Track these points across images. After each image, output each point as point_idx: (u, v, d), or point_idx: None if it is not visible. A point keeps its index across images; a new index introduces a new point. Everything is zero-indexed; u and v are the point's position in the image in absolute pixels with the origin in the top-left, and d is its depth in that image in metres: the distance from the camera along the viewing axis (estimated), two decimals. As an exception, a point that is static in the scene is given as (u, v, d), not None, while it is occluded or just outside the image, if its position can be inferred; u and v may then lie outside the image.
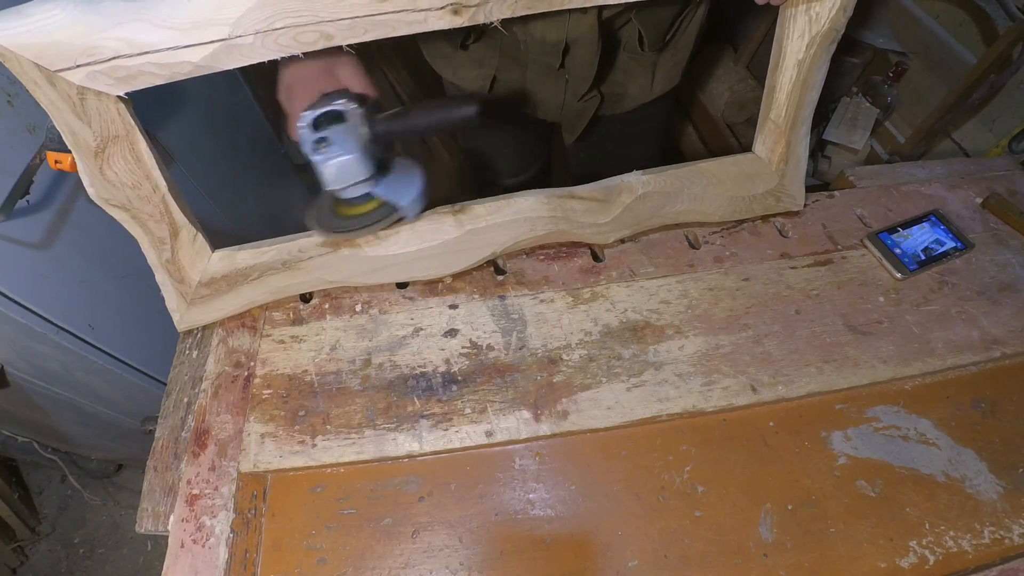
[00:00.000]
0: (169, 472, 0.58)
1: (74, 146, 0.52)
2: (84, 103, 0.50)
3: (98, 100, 0.50)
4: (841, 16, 0.60)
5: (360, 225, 0.63)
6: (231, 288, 0.65)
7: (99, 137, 0.52)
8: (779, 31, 0.65)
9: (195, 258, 0.64)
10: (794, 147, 0.69)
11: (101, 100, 0.50)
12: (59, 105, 0.49)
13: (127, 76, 0.48)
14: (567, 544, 0.53)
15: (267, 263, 0.66)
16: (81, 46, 0.46)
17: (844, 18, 0.60)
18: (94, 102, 0.50)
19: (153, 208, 0.59)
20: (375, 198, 0.63)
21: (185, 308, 0.65)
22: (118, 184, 0.56)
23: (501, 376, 0.62)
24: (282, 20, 0.48)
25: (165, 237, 0.61)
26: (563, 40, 0.71)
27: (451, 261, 0.68)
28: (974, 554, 0.52)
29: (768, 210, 0.73)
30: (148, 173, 0.57)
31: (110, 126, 0.52)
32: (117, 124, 0.52)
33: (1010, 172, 0.82)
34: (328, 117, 0.57)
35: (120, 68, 0.48)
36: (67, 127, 0.51)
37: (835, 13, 0.60)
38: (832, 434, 0.58)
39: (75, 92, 0.48)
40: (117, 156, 0.54)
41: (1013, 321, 0.66)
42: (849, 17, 0.61)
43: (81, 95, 0.49)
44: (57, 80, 0.47)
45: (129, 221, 0.59)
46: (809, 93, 0.65)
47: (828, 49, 0.63)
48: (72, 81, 0.47)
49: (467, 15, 0.51)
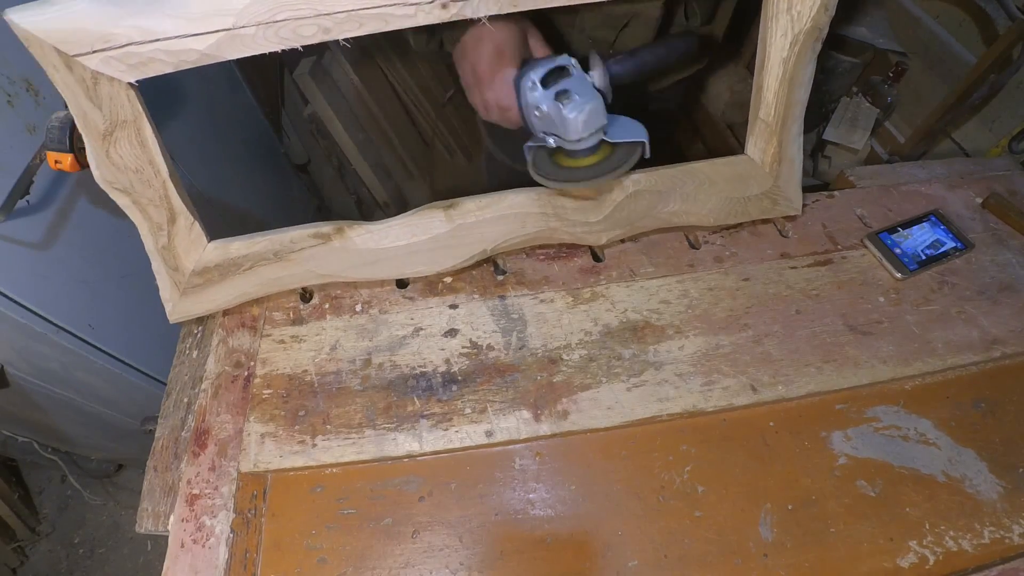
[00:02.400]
0: (169, 472, 0.58)
1: (84, 128, 0.55)
2: (97, 87, 0.52)
3: (110, 85, 0.53)
4: (823, 14, 0.60)
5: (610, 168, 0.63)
6: (223, 278, 0.66)
7: (108, 120, 0.55)
8: (762, 30, 0.65)
9: (191, 246, 0.64)
10: (786, 147, 0.69)
11: (113, 85, 0.53)
12: (74, 88, 0.52)
13: (139, 63, 0.51)
14: (567, 544, 0.53)
15: (259, 253, 0.66)
16: (98, 33, 0.49)
17: (826, 16, 0.61)
18: (106, 87, 0.53)
19: (153, 193, 0.60)
20: (604, 145, 0.63)
21: (178, 297, 0.65)
22: (123, 168, 0.58)
23: (501, 376, 0.62)
24: (283, 13, 0.51)
25: (163, 223, 0.62)
26: (630, 13, 0.71)
27: (441, 257, 0.68)
28: (974, 554, 0.52)
29: (765, 213, 0.73)
30: (152, 158, 0.58)
31: (119, 111, 0.54)
32: (126, 109, 0.55)
33: (1010, 172, 0.82)
34: (553, 73, 0.59)
35: (132, 55, 0.51)
36: (79, 109, 0.54)
37: (816, 12, 0.60)
38: (832, 434, 0.58)
39: (89, 76, 0.51)
40: (124, 140, 0.56)
41: (1013, 321, 0.66)
42: (831, 15, 0.61)
43: (95, 79, 0.52)
44: (74, 64, 0.50)
45: (130, 206, 0.60)
46: (796, 91, 0.65)
47: (813, 47, 0.63)
48: (87, 66, 0.50)
49: (454, 9, 0.53)
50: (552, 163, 0.65)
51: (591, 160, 0.64)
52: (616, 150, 0.64)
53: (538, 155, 0.65)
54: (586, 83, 0.59)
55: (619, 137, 0.62)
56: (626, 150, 0.63)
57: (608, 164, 0.63)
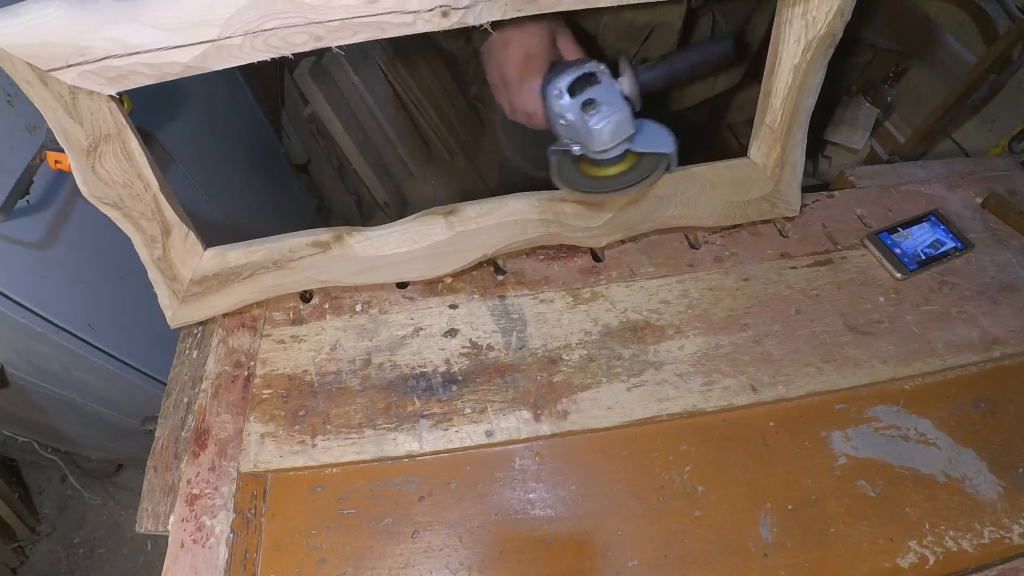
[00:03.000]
0: (169, 472, 0.58)
1: (66, 144, 0.53)
2: (76, 102, 0.50)
3: (90, 99, 0.50)
4: (838, 21, 0.60)
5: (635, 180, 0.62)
6: (223, 286, 0.65)
7: (91, 136, 0.53)
8: (775, 35, 0.64)
9: (187, 256, 0.64)
10: (789, 152, 0.69)
11: (93, 99, 0.50)
12: (51, 104, 0.49)
13: (118, 76, 0.49)
14: (567, 544, 0.53)
15: (258, 262, 0.66)
16: (72, 46, 0.46)
17: (841, 22, 0.60)
18: (86, 101, 0.50)
19: (144, 207, 0.59)
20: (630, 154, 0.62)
21: (177, 305, 0.65)
22: (110, 182, 0.56)
23: (501, 376, 0.62)
24: (272, 21, 0.48)
25: (157, 235, 0.61)
26: (651, 24, 0.70)
27: (442, 263, 0.68)
28: (974, 554, 0.52)
29: (763, 215, 0.73)
30: (139, 172, 0.57)
31: (102, 125, 0.52)
32: (109, 123, 0.53)
33: (1010, 172, 0.82)
34: (581, 81, 0.58)
35: (111, 68, 0.48)
36: (59, 125, 0.51)
37: (832, 17, 0.59)
38: (832, 434, 0.58)
39: (67, 91, 0.49)
40: (109, 154, 0.54)
41: (1013, 321, 0.66)
42: (847, 22, 0.60)
43: (73, 94, 0.49)
44: (49, 80, 0.47)
45: (121, 219, 0.59)
46: (805, 98, 0.65)
47: (825, 54, 0.62)
48: (64, 81, 0.48)
49: (456, 17, 0.51)
50: (576, 170, 0.64)
51: (616, 169, 0.63)
52: (643, 159, 0.63)
53: (562, 161, 0.65)
54: (614, 91, 0.57)
55: (646, 147, 0.61)
56: (653, 160, 0.63)
57: (633, 175, 0.63)
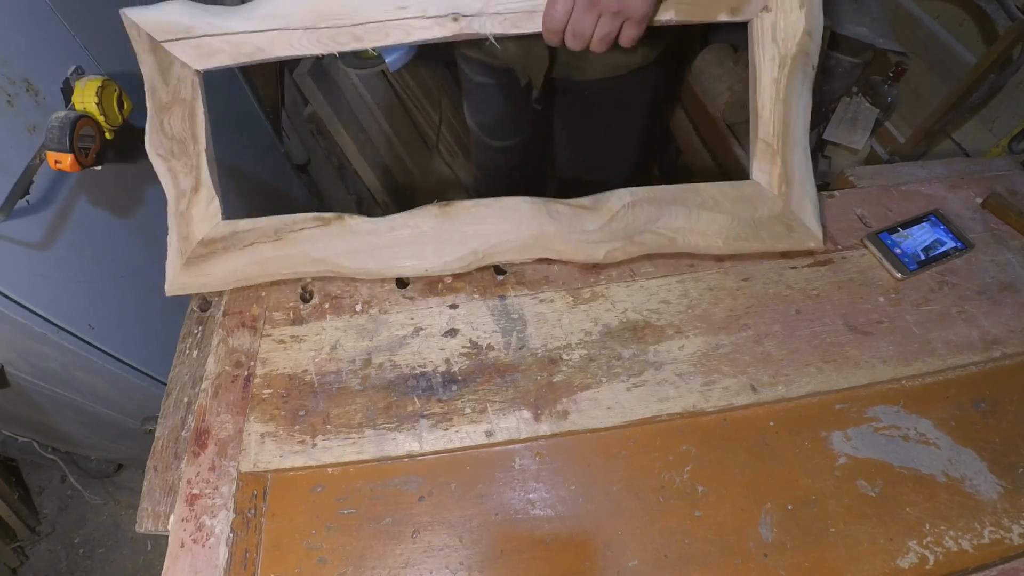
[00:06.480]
0: (169, 472, 0.58)
1: (150, 100, 0.65)
2: (171, 69, 0.65)
3: (182, 70, 0.65)
4: (808, 40, 0.62)
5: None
6: (225, 252, 0.67)
7: (171, 97, 0.65)
8: (751, 53, 0.65)
9: (204, 217, 0.68)
10: (791, 167, 0.68)
11: (183, 70, 0.65)
12: (153, 67, 0.64)
13: (208, 52, 0.64)
14: (567, 544, 0.53)
15: (262, 229, 0.68)
16: (183, 25, 0.63)
17: (812, 42, 0.62)
18: (178, 70, 0.65)
19: (187, 161, 0.67)
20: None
21: (179, 266, 0.67)
22: (170, 136, 0.66)
23: (501, 376, 0.62)
24: (326, 21, 0.63)
25: (187, 189, 0.67)
26: None
27: (432, 253, 0.68)
28: (974, 554, 0.52)
29: (779, 240, 0.68)
30: (195, 132, 0.67)
31: (183, 91, 0.66)
32: (188, 91, 0.66)
33: (1010, 172, 0.82)
34: None
35: (204, 45, 0.64)
36: (151, 84, 0.65)
37: (800, 37, 0.62)
38: (832, 434, 0.58)
39: (167, 58, 0.64)
40: (177, 115, 0.66)
41: (1013, 321, 0.66)
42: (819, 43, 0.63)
43: (170, 62, 0.64)
44: (158, 48, 0.64)
45: (165, 173, 0.67)
46: (792, 110, 0.65)
47: (804, 70, 0.63)
48: (169, 50, 0.64)
49: (464, 23, 0.63)
50: None
51: None
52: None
53: None
54: None
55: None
56: None
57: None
